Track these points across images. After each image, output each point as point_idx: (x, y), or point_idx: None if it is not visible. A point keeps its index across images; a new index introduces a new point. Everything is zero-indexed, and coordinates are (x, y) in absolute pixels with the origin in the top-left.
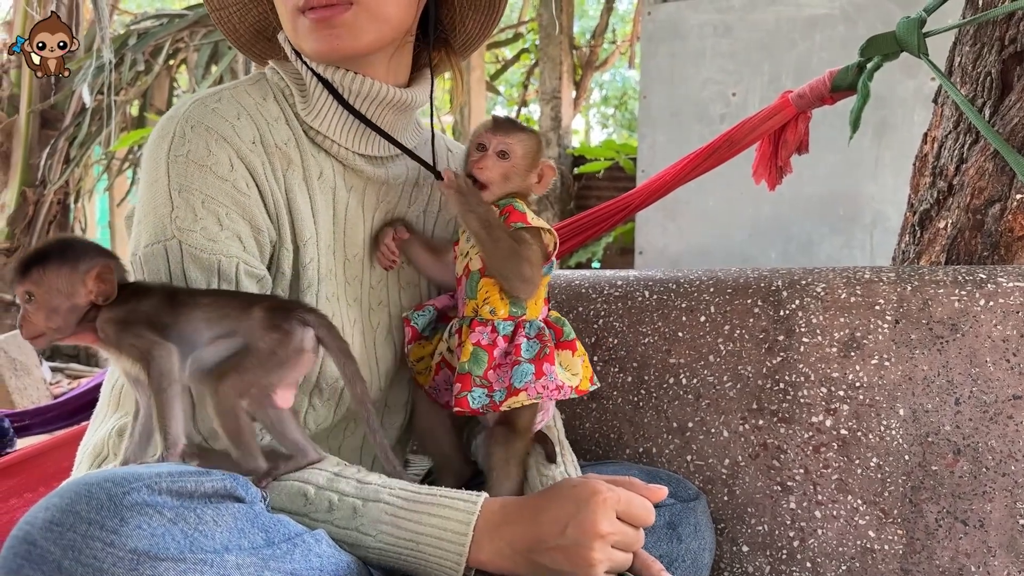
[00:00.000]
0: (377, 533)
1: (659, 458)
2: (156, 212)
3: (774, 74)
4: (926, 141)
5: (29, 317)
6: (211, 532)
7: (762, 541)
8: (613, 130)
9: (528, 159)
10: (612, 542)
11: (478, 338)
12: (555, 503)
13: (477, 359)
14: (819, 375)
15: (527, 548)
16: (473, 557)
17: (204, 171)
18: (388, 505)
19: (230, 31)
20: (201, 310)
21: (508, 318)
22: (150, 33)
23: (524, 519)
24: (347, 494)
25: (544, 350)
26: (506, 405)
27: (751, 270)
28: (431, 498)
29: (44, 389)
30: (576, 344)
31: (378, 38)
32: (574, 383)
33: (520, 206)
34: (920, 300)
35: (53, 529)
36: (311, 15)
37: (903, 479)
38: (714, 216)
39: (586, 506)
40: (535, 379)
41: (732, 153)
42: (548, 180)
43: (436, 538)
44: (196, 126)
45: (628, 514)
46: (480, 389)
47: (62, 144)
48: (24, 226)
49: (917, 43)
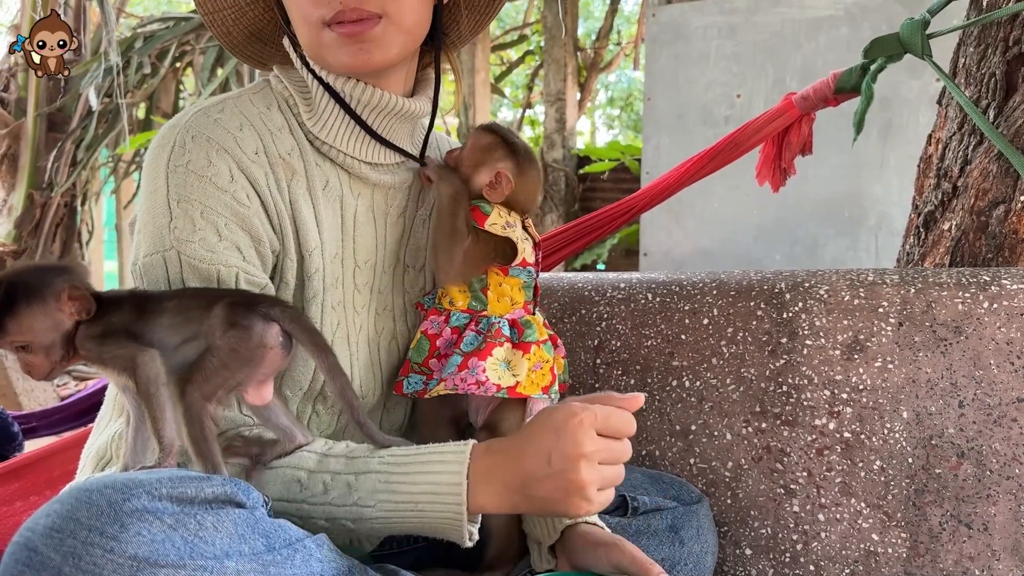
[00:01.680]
0: (376, 503)
1: (662, 461)
2: (155, 222)
3: (778, 76)
4: (930, 143)
5: (32, 362)
6: (211, 538)
7: (765, 544)
8: (619, 131)
9: (474, 155)
10: (598, 459)
11: (427, 326)
12: (536, 435)
13: (419, 347)
14: (822, 378)
15: (520, 484)
16: (472, 503)
17: (204, 182)
18: (380, 473)
19: (222, 34)
20: (166, 316)
21: (465, 311)
22: (156, 36)
23: (511, 457)
24: (339, 472)
25: (481, 345)
26: (430, 394)
27: (754, 272)
28: (420, 456)
29: (51, 391)
30: (532, 348)
31: (404, 49)
32: (506, 383)
33: (486, 206)
34: (924, 302)
35: (54, 536)
36: (339, 29)
37: (907, 482)
38: (719, 218)
39: (564, 430)
40: (457, 371)
41: (736, 155)
42: (502, 188)
43: (433, 494)
44: (197, 136)
45: (608, 428)
46: (417, 376)
47: (69, 147)
48: (31, 229)
49: (921, 45)
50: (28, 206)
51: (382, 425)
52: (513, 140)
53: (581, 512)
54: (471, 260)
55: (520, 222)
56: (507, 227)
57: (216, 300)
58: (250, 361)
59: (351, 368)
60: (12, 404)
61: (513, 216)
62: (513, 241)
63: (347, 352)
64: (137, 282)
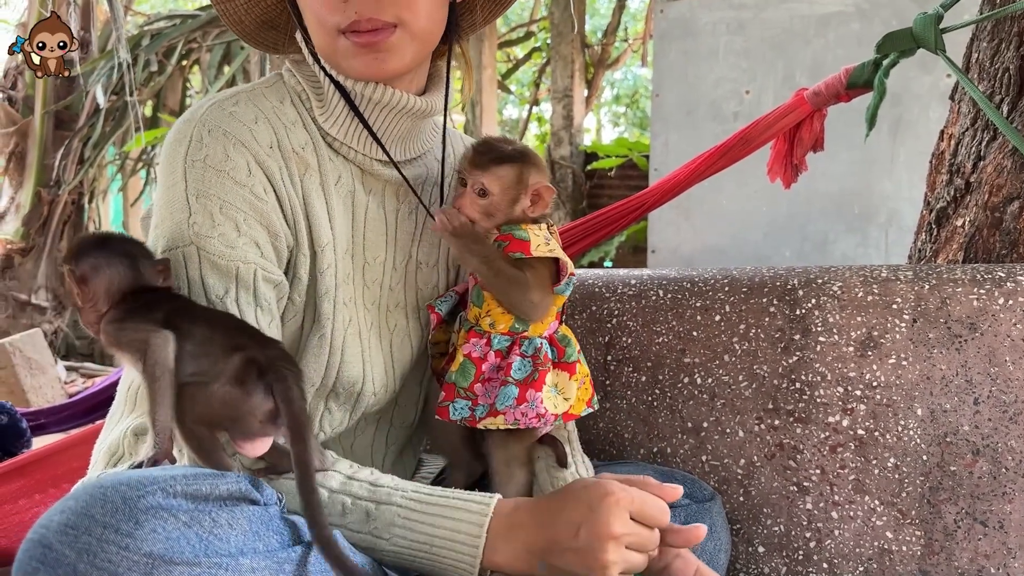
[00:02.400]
0: (391, 536)
1: (674, 458)
2: (173, 217)
3: (788, 72)
4: (943, 138)
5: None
6: (226, 535)
7: (778, 542)
8: (624, 128)
9: (509, 194)
10: (626, 543)
11: (470, 349)
12: (568, 505)
13: (464, 371)
14: (836, 375)
15: (541, 550)
16: (488, 559)
17: (222, 176)
18: (401, 508)
19: (235, 23)
20: (190, 343)
21: (507, 333)
22: (163, 34)
23: (537, 521)
24: (360, 497)
25: (534, 374)
26: (483, 424)
27: (766, 269)
28: (444, 500)
29: (59, 388)
30: (576, 367)
31: (418, 56)
32: (562, 409)
33: (521, 233)
34: (938, 299)
35: (68, 532)
36: (355, 38)
37: (921, 479)
38: (728, 215)
39: (599, 508)
40: (516, 404)
41: (747, 151)
42: (545, 202)
43: (450, 540)
44: (214, 130)
45: (642, 515)
46: (464, 401)
47: (76, 145)
48: (39, 226)
49: (934, 39)
50: (36, 204)
51: (393, 422)
52: (524, 151)
53: None
54: (542, 287)
55: (547, 229)
56: (547, 242)
57: (238, 348)
58: (236, 421)
59: (363, 364)
60: (20, 401)
61: (542, 228)
62: (559, 258)
63: (359, 348)
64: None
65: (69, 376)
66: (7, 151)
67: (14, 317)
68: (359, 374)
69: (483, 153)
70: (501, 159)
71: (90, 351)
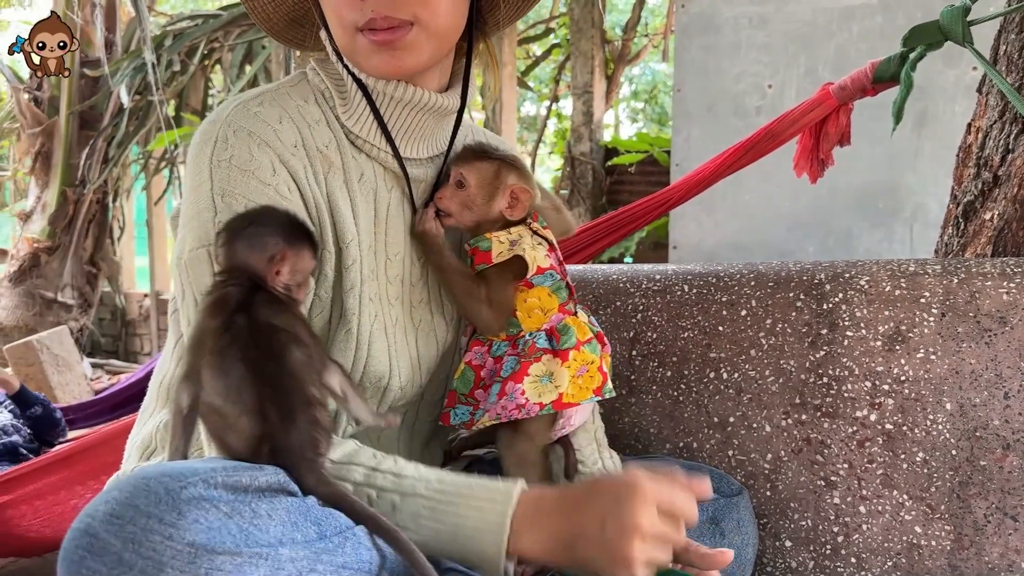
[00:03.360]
0: (417, 527)
1: (700, 453)
2: (200, 217)
3: (811, 66)
4: (970, 131)
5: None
6: (265, 526)
7: (805, 536)
8: (643, 124)
9: (484, 188)
10: (652, 537)
11: (471, 357)
12: (594, 496)
13: (464, 378)
14: (863, 369)
15: (566, 540)
16: (513, 547)
17: (247, 176)
18: (426, 499)
19: (263, 19)
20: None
21: (505, 338)
22: (186, 34)
23: (563, 511)
24: (385, 489)
25: (516, 366)
26: (476, 425)
27: (793, 263)
28: (468, 490)
29: (85, 384)
30: (569, 354)
31: (437, 53)
32: (548, 397)
33: (485, 244)
34: (967, 293)
35: (114, 522)
36: (371, 36)
37: (950, 474)
38: (750, 210)
39: (626, 501)
40: (498, 399)
41: (773, 146)
42: (523, 205)
43: (475, 529)
44: (239, 131)
45: (670, 509)
46: (464, 407)
47: (100, 144)
48: (65, 225)
49: (962, 32)
50: (62, 203)
51: (419, 415)
52: (504, 152)
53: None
54: (500, 300)
55: (526, 228)
56: (512, 246)
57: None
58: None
59: (389, 359)
60: (48, 397)
61: (515, 231)
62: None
63: (384, 344)
64: (182, 276)
65: (94, 373)
66: (33, 151)
67: (41, 315)
68: (385, 369)
69: (469, 150)
70: (482, 155)
71: (115, 348)
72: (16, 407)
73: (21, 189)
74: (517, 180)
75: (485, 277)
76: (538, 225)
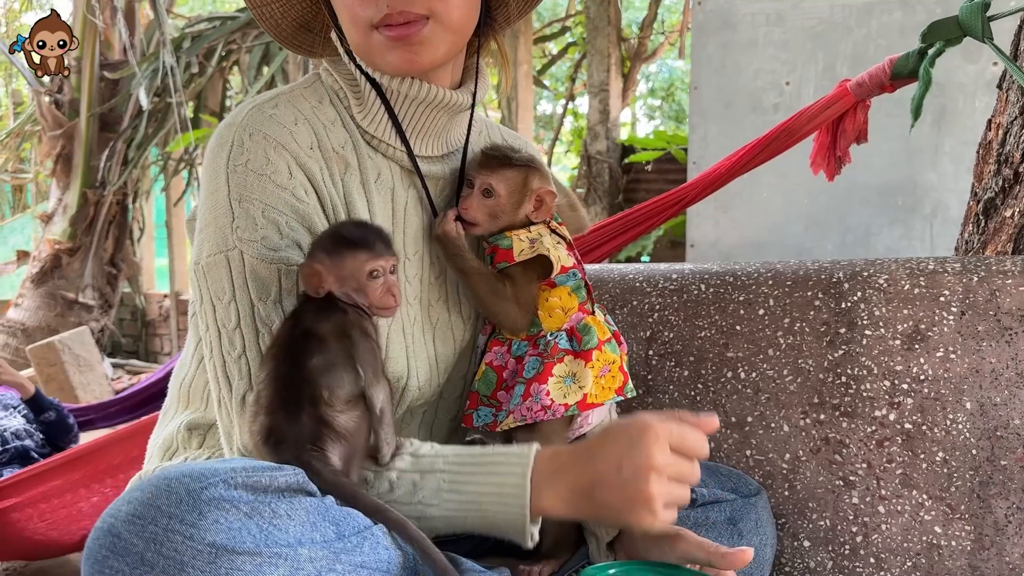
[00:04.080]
0: (440, 502)
1: (717, 453)
2: (217, 222)
3: (829, 62)
4: (990, 128)
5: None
6: (285, 526)
7: (824, 536)
8: (660, 122)
9: (513, 196)
10: (668, 475)
11: (492, 358)
12: (608, 442)
13: (486, 380)
14: (882, 368)
15: (586, 489)
16: (535, 506)
17: (263, 180)
18: (445, 473)
19: (271, 26)
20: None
21: (525, 338)
22: (204, 36)
23: (579, 462)
24: (405, 470)
25: (540, 367)
26: (500, 427)
27: (811, 262)
28: (485, 458)
29: (106, 384)
30: (592, 354)
31: (452, 48)
32: (573, 398)
33: (506, 242)
34: (987, 291)
35: (136, 522)
36: (387, 32)
37: (970, 474)
38: (768, 208)
39: (639, 441)
40: (522, 400)
41: (790, 144)
42: (548, 207)
43: (497, 495)
44: (254, 134)
45: (681, 446)
46: (487, 408)
47: (120, 146)
48: (85, 226)
49: (981, 27)
50: (82, 204)
51: (438, 414)
52: (526, 156)
53: (644, 524)
54: (524, 299)
55: (545, 226)
56: (533, 244)
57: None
58: None
59: (407, 359)
60: (70, 397)
61: (534, 229)
62: (545, 255)
63: (402, 344)
64: (200, 281)
65: (115, 373)
66: (55, 153)
67: (62, 315)
68: (403, 369)
69: (492, 157)
70: (509, 163)
71: (135, 348)
72: (30, 411)
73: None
74: (541, 183)
75: (508, 275)
76: (555, 223)
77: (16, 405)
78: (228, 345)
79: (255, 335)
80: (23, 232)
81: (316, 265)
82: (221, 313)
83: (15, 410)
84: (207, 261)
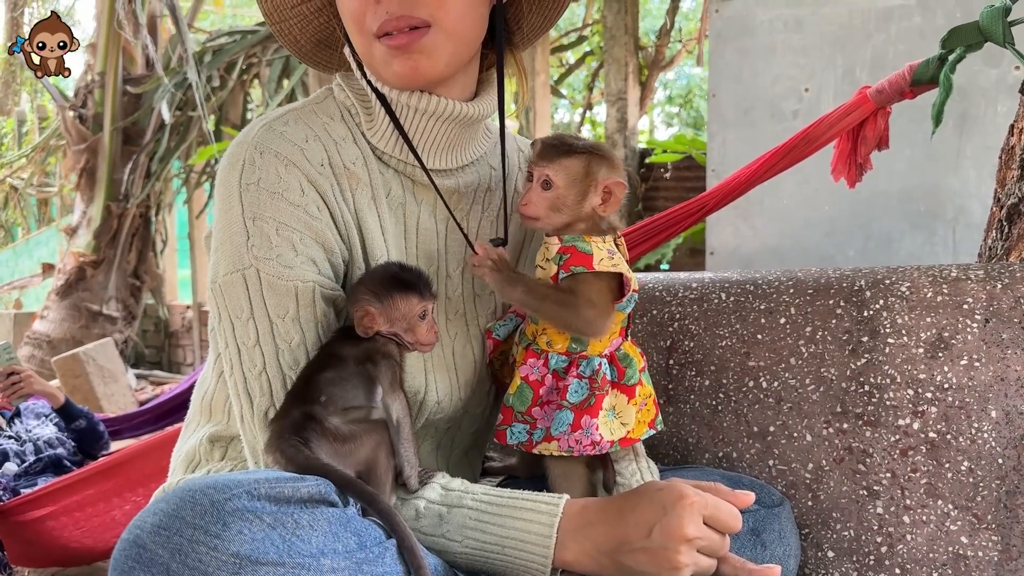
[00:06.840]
0: (463, 539)
1: (739, 463)
2: (232, 241)
3: (848, 68)
4: (1012, 133)
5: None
6: (307, 537)
7: (848, 547)
8: (678, 128)
9: (575, 187)
10: (698, 546)
11: (527, 372)
12: (641, 505)
13: (522, 395)
14: (905, 377)
15: (612, 549)
16: (558, 558)
17: (276, 198)
18: (472, 511)
19: (291, 42)
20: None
21: (564, 353)
22: (224, 50)
23: (608, 520)
24: (432, 501)
25: (591, 399)
26: (537, 449)
27: (832, 270)
28: (514, 502)
29: (130, 395)
30: (636, 389)
31: (456, 58)
32: (619, 435)
33: (584, 245)
34: (1011, 298)
35: (161, 533)
36: (387, 41)
37: (997, 483)
38: (788, 215)
39: (673, 509)
40: (570, 431)
41: (810, 151)
42: (617, 199)
43: (521, 541)
44: (266, 152)
45: (715, 519)
46: (521, 425)
47: (143, 159)
48: (109, 239)
49: (1002, 32)
50: (106, 217)
51: (461, 428)
52: (594, 144)
53: None
54: (599, 303)
55: (612, 242)
56: (611, 256)
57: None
58: None
59: (425, 373)
60: (94, 408)
61: (606, 241)
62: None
63: (420, 357)
64: (217, 300)
65: (139, 384)
66: (79, 167)
67: (86, 327)
68: (420, 383)
69: (551, 146)
70: (568, 151)
71: (158, 359)
72: (61, 420)
73: (67, 204)
74: (609, 173)
75: (579, 280)
76: (623, 242)
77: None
78: (248, 362)
79: (275, 351)
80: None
81: (370, 308)
82: (240, 331)
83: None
84: (224, 280)
